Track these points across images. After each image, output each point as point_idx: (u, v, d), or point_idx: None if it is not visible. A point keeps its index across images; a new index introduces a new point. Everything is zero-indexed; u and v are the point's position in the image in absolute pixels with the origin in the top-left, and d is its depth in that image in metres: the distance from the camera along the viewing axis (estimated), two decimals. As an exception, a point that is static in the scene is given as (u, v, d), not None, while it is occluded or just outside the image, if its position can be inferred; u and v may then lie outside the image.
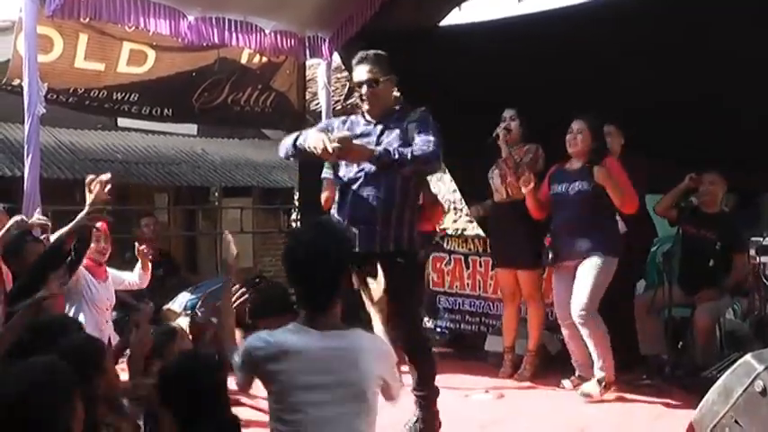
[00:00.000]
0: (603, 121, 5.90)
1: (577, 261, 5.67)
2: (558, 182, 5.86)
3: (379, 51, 4.59)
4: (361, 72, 4.55)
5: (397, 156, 4.26)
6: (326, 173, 6.78)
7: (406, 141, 4.37)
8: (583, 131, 5.75)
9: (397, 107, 4.74)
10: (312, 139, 4.26)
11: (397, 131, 4.44)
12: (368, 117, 4.59)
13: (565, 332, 5.92)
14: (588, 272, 5.59)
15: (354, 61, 4.63)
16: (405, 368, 4.22)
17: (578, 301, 5.59)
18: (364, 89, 4.54)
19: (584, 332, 5.62)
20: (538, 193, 5.96)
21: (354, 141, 4.25)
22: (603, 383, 5.62)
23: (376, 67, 4.52)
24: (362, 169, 4.43)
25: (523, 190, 5.95)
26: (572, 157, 5.84)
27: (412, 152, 4.27)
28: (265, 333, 2.80)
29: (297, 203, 11.33)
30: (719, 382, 3.58)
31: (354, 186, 4.47)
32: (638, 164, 5.90)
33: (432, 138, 4.32)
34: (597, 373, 5.66)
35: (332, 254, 2.79)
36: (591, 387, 5.65)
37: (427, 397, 4.58)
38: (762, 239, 5.78)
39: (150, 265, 6.85)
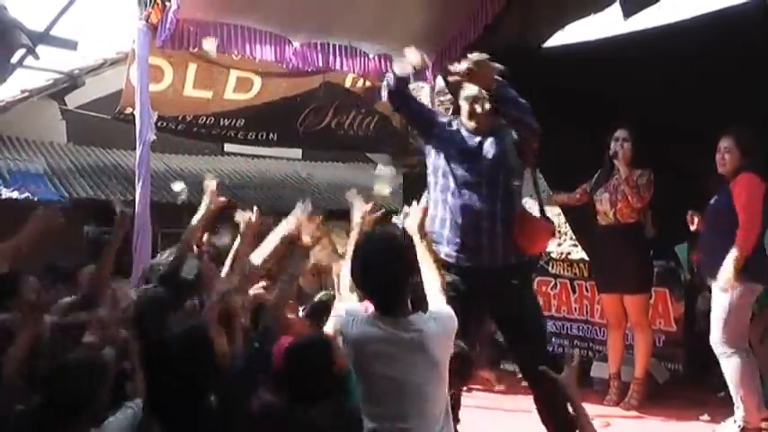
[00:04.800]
0: (753, 133, 5.37)
1: (713, 283, 5.28)
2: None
3: (497, 64, 4.25)
4: (475, 88, 4.28)
5: (514, 94, 4.12)
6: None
7: (505, 152, 4.25)
8: (731, 150, 5.30)
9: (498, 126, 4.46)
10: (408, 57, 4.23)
11: (498, 143, 4.27)
12: (470, 130, 4.35)
13: None
14: (718, 300, 5.19)
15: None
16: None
17: (713, 336, 5.23)
18: (478, 109, 4.29)
19: (722, 365, 5.24)
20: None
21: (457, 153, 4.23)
22: (741, 426, 5.19)
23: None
24: (467, 179, 4.25)
25: (692, 227, 5.61)
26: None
27: (525, 104, 4.16)
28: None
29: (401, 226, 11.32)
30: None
31: (455, 196, 4.26)
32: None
33: None
34: (736, 413, 5.23)
35: (390, 265, 2.94)
36: (725, 428, 5.30)
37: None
38: None
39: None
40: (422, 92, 8.65)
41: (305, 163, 12.53)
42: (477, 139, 4.30)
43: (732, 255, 5.05)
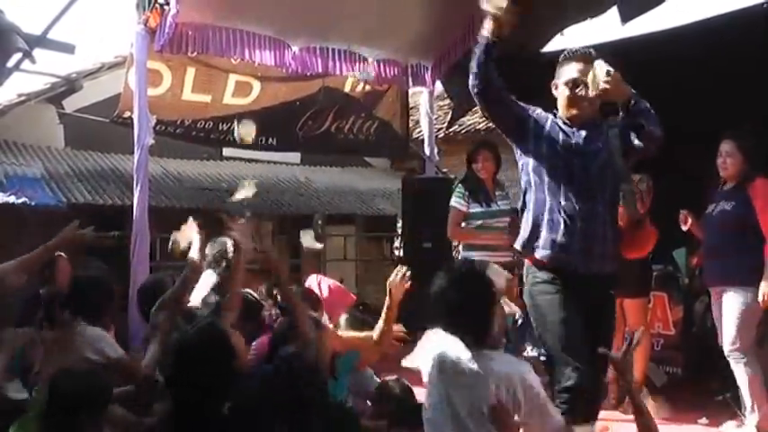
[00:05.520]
0: (755, 136, 5.42)
1: (720, 288, 5.35)
2: (711, 202, 5.52)
3: (591, 50, 4.05)
4: (581, 69, 3.95)
5: (646, 104, 3.88)
6: (456, 201, 6.76)
7: (612, 151, 3.95)
8: (732, 154, 5.33)
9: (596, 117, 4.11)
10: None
11: (603, 140, 3.95)
12: (567, 120, 4.00)
13: None
14: (730, 306, 5.26)
15: (569, 55, 4.05)
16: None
17: (726, 340, 5.29)
18: (582, 91, 3.94)
19: (735, 370, 5.30)
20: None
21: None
22: (750, 428, 5.25)
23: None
24: (575, 178, 3.93)
25: (684, 227, 5.69)
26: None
27: (653, 113, 3.92)
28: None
29: (400, 231, 11.31)
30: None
31: (561, 197, 3.90)
32: None
33: None
34: (748, 417, 5.29)
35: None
36: (728, 430, 5.40)
37: None
38: None
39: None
40: (420, 96, 8.65)
41: (304, 167, 12.50)
42: (582, 133, 3.95)
43: (767, 268, 5.07)
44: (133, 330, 5.86)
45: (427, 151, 8.43)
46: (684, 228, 5.66)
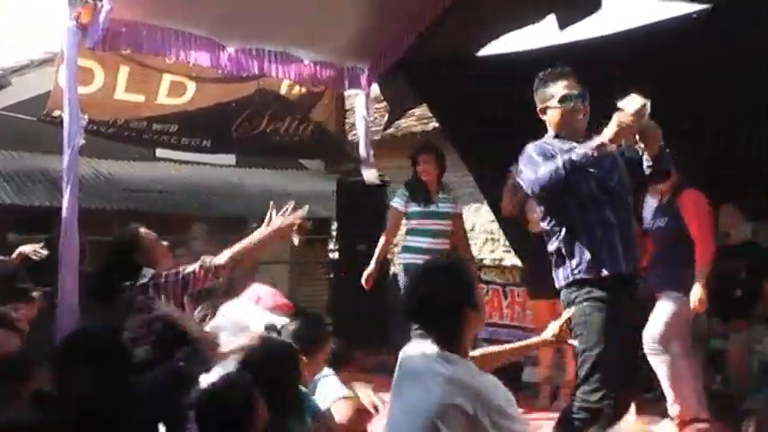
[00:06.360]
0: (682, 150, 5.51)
1: (658, 295, 5.68)
2: (651, 216, 5.95)
3: (567, 68, 4.15)
4: (567, 86, 4.08)
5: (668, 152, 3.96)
6: (396, 201, 6.75)
7: (621, 168, 4.05)
8: None
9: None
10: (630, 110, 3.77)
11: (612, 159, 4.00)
12: (566, 138, 4.05)
13: None
14: (660, 309, 5.60)
15: (547, 77, 4.17)
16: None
17: (648, 333, 5.55)
18: (578, 105, 4.06)
19: (654, 365, 5.60)
20: None
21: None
22: (676, 422, 5.54)
23: (577, 81, 4.07)
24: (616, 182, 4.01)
25: None
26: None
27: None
28: None
29: (333, 234, 11.29)
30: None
31: (596, 210, 3.94)
32: None
33: None
34: (670, 409, 5.63)
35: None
36: (661, 427, 5.63)
37: None
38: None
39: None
40: (357, 99, 8.64)
41: (239, 169, 12.41)
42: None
43: (697, 274, 5.44)
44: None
45: (362, 154, 8.42)
46: None
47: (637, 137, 3.88)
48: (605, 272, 3.87)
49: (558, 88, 4.07)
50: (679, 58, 6.06)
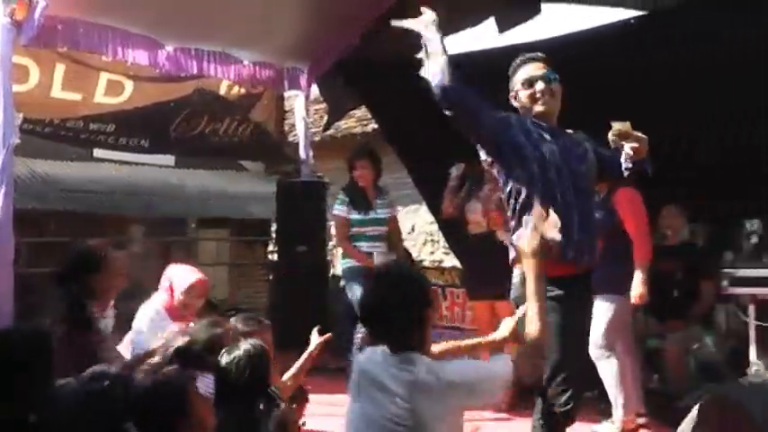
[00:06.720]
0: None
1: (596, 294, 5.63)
2: None
3: (537, 53, 4.09)
4: (533, 69, 3.97)
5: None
6: (338, 209, 6.78)
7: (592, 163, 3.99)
8: None
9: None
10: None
11: (580, 149, 3.96)
12: (538, 121, 3.92)
13: None
14: (599, 311, 5.47)
15: (517, 64, 4.09)
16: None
17: (593, 338, 5.38)
18: (540, 85, 3.92)
19: (600, 369, 5.66)
20: None
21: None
22: (619, 427, 5.63)
23: (548, 65, 3.98)
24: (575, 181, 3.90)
25: None
26: None
27: None
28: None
29: (273, 235, 11.27)
30: (692, 413, 3.57)
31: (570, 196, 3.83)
32: None
33: None
34: (614, 413, 5.70)
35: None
36: (603, 428, 5.70)
37: None
38: (734, 271, 5.89)
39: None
40: (296, 100, 8.65)
41: (176, 170, 12.30)
42: (560, 140, 3.91)
43: (638, 269, 5.55)
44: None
45: (302, 155, 8.43)
46: None
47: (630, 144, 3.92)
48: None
49: (525, 72, 4.02)
50: (616, 61, 6.18)
